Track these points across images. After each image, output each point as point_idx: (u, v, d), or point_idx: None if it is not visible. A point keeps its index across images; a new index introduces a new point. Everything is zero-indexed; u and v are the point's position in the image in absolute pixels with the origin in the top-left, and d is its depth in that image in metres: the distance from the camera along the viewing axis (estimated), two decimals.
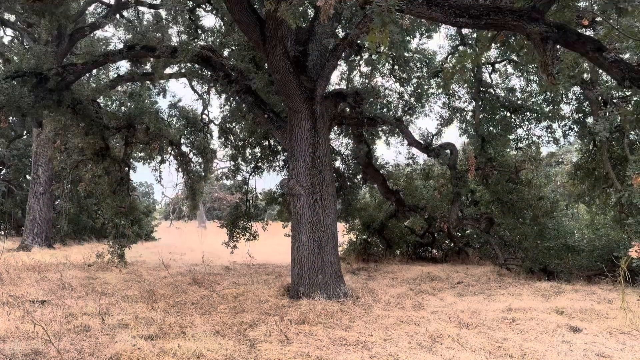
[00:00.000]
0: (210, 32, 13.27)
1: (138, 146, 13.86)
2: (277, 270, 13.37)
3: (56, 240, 19.55)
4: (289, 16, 5.50)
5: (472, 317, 7.21)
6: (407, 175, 15.66)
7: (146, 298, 8.45)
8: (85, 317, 6.75)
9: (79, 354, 5.05)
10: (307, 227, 8.86)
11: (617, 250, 9.41)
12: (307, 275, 8.73)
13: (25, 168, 23.38)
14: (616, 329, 6.51)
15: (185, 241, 26.13)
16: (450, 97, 14.21)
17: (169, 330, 6.16)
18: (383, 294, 9.08)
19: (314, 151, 9.02)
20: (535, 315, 7.26)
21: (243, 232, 14.83)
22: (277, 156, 15.28)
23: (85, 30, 17.32)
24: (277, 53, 8.23)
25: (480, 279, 11.46)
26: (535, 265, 11.30)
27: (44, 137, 14.11)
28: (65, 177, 15.60)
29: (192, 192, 17.26)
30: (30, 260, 13.50)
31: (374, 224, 15.60)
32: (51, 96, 9.91)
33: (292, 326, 6.54)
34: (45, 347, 5.20)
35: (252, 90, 9.84)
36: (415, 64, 13.30)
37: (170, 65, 12.17)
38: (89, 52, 11.08)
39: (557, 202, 13.18)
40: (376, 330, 6.35)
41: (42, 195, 17.66)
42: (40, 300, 7.92)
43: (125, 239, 12.61)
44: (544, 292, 9.38)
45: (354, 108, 11.74)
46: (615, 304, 8.05)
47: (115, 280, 10.57)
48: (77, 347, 5.27)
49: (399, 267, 13.82)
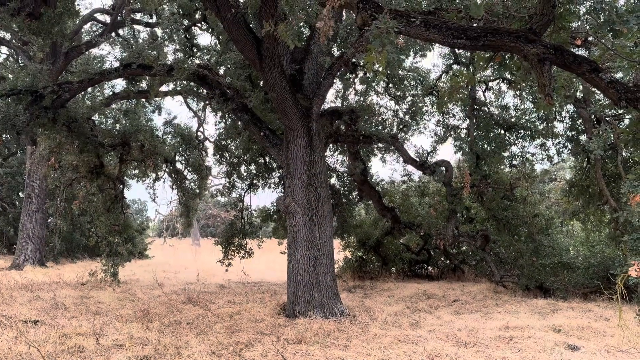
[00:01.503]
0: (206, 50, 13.36)
1: (132, 163, 13.82)
2: (272, 288, 13.27)
3: (49, 259, 19.34)
4: (287, 37, 5.55)
5: (469, 336, 7.17)
6: (402, 193, 15.69)
7: (141, 318, 8.35)
8: (80, 337, 6.64)
9: None
10: (304, 244, 8.82)
11: (612, 267, 9.43)
12: (303, 294, 8.67)
13: (19, 186, 23.24)
14: (614, 347, 6.49)
15: (179, 259, 25.93)
16: (445, 115, 14.33)
17: (165, 350, 6.08)
18: (380, 313, 9.02)
19: (310, 169, 9.03)
20: (533, 334, 7.23)
21: (238, 250, 14.73)
22: (272, 173, 15.28)
23: (81, 49, 17.37)
24: (273, 71, 8.29)
25: (477, 297, 11.43)
26: (531, 282, 11.30)
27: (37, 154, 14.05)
28: (59, 194, 15.51)
29: (186, 209, 17.18)
30: (22, 279, 13.34)
31: (369, 241, 15.56)
32: (46, 114, 9.89)
33: (289, 346, 6.47)
34: None
35: (248, 108, 9.87)
36: (410, 82, 13.44)
37: (166, 82, 12.22)
38: (85, 70, 11.12)
39: (552, 219, 13.23)
40: (374, 350, 6.30)
41: (35, 213, 17.51)
42: (33, 320, 7.80)
43: (119, 257, 12.50)
44: (540, 310, 9.36)
45: (349, 126, 11.81)
46: (612, 321, 8.04)
47: (109, 299, 10.45)
48: None
49: (395, 284, 13.77)
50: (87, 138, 11.16)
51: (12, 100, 9.66)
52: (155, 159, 13.82)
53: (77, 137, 10.96)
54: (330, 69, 9.17)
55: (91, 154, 11.85)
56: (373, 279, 15.21)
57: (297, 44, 5.84)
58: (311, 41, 9.71)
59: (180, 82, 10.73)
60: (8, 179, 23.22)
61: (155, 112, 17.29)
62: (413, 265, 16.46)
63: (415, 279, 15.38)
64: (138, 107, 15.95)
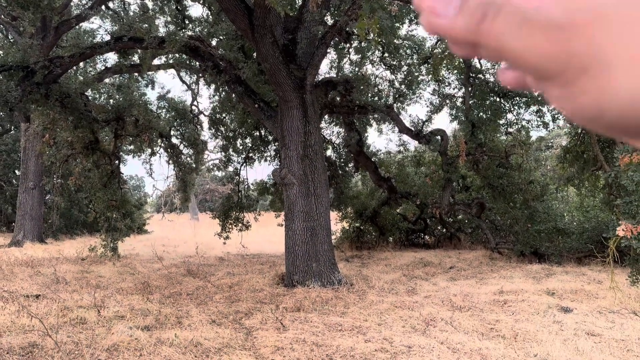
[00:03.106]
0: (197, 22, 13.17)
1: (128, 139, 13.78)
2: (270, 259, 13.42)
3: (48, 235, 19.43)
4: (277, 4, 5.49)
5: (464, 301, 7.31)
6: (398, 163, 15.73)
7: (141, 290, 8.47)
8: (81, 310, 6.75)
9: (77, 345, 5.07)
10: (300, 215, 8.89)
11: (606, 231, 9.53)
12: (301, 264, 8.78)
13: (14, 163, 23.17)
14: (606, 308, 6.64)
15: (178, 233, 26.10)
16: (440, 84, 14.25)
17: (165, 320, 6.20)
18: (377, 281, 9.16)
19: (305, 140, 9.03)
20: (527, 297, 7.37)
21: (235, 223, 14.84)
22: (268, 146, 15.27)
23: (71, 23, 17.08)
24: (266, 42, 8.21)
25: (473, 263, 11.59)
26: (526, 248, 11.44)
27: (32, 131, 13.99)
28: (55, 171, 15.49)
29: (183, 184, 17.22)
30: (22, 256, 13.43)
31: (366, 211, 15.67)
32: (39, 90, 9.81)
33: (288, 314, 6.59)
34: (42, 340, 5.21)
35: (241, 80, 9.80)
36: (405, 50, 13.30)
37: (158, 56, 12.09)
38: (76, 45, 10.96)
39: (547, 185, 13.31)
40: (371, 316, 6.43)
41: (32, 190, 17.52)
42: (35, 294, 7.90)
43: (118, 232, 12.58)
44: (535, 275, 9.51)
45: (344, 96, 11.75)
46: (605, 284, 8.19)
47: (109, 273, 10.57)
48: (74, 339, 5.29)
49: (392, 253, 13.92)
50: (81, 113, 11.10)
51: (3, 77, 9.57)
52: (150, 133, 13.77)
53: (70, 112, 10.90)
54: (323, 38, 9.07)
55: (86, 130, 11.80)
56: (370, 249, 15.37)
57: (287, 11, 5.79)
58: (304, 9, 9.57)
59: (173, 54, 10.63)
60: (4, 156, 23.15)
61: (148, 86, 17.14)
62: (410, 234, 16.62)
63: (412, 248, 15.55)
64: (131, 81, 15.80)
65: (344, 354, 4.84)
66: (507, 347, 5.03)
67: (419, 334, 5.52)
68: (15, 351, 4.86)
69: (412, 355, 4.82)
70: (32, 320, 5.88)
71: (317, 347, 5.05)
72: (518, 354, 4.77)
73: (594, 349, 4.91)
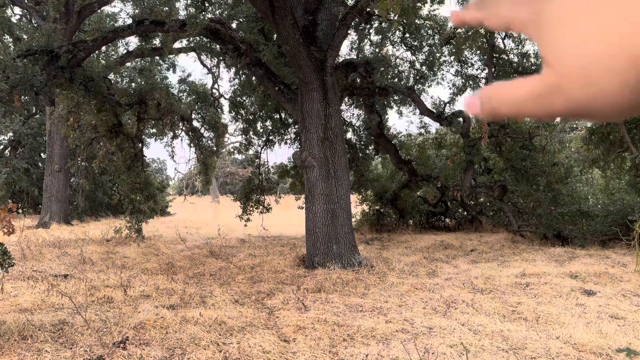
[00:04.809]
0: (217, 4, 13.15)
1: (150, 122, 13.95)
2: (291, 241, 13.53)
3: (74, 217, 19.89)
4: None
5: (486, 283, 7.29)
6: (419, 145, 15.60)
7: (165, 270, 8.64)
8: (108, 289, 6.94)
9: (104, 323, 5.22)
10: (321, 198, 8.93)
11: (631, 214, 9.40)
12: (321, 246, 8.84)
13: (40, 146, 23.66)
14: (630, 292, 6.56)
15: (200, 216, 26.45)
16: (463, 65, 14.02)
17: (190, 300, 6.33)
18: (397, 263, 9.18)
19: (325, 122, 9.02)
20: (549, 280, 7.32)
21: (256, 206, 14.97)
22: (288, 129, 15.29)
23: (94, 6, 17.21)
24: (286, 23, 8.17)
25: (494, 246, 11.52)
26: (549, 231, 11.31)
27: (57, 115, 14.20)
28: (80, 154, 15.77)
29: (204, 167, 17.42)
30: (50, 237, 13.79)
31: (386, 194, 15.64)
32: (63, 74, 9.96)
33: (309, 294, 6.67)
34: (71, 317, 5.38)
35: (261, 63, 9.80)
36: (427, 31, 13.10)
37: (179, 39, 12.14)
38: (98, 29, 11.07)
39: (571, 167, 13.09)
40: (391, 297, 6.46)
41: (57, 173, 17.89)
42: (63, 274, 8.14)
43: (142, 214, 12.81)
44: (557, 258, 9.42)
45: (364, 78, 11.66)
46: (630, 267, 8.08)
47: (134, 254, 10.79)
48: (102, 317, 5.44)
49: (412, 236, 13.91)
50: (104, 97, 11.25)
51: (28, 61, 9.72)
52: (172, 117, 13.92)
53: (94, 96, 11.05)
54: (344, 19, 8.99)
55: (109, 113, 11.98)
56: (390, 231, 15.36)
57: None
58: None
59: (193, 37, 10.65)
60: (30, 140, 23.63)
61: (169, 69, 17.28)
62: (430, 217, 16.56)
63: (432, 231, 15.51)
64: (152, 65, 15.93)
65: (365, 334, 4.89)
66: (529, 329, 5.02)
67: (439, 316, 5.54)
68: (46, 328, 5.03)
69: (433, 336, 4.85)
70: (62, 298, 6.06)
71: (338, 327, 5.11)
72: (540, 336, 4.76)
73: (617, 332, 4.87)
